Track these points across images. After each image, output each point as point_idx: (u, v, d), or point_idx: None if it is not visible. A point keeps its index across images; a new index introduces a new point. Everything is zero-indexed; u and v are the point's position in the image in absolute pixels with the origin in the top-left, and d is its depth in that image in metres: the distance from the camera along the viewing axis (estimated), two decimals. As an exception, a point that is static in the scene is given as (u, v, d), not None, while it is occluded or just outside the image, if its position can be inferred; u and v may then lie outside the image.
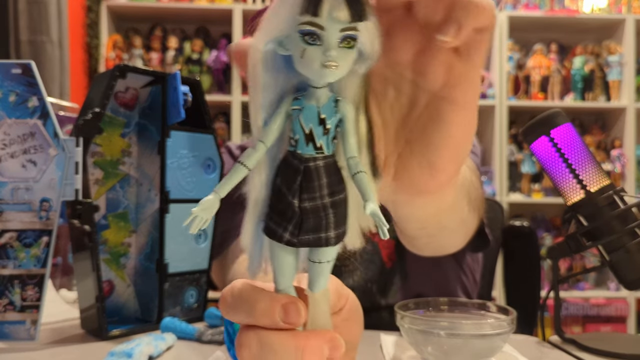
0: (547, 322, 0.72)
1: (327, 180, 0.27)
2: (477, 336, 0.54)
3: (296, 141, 0.28)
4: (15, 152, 0.65)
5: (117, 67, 0.69)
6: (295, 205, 0.27)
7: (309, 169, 0.27)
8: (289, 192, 0.27)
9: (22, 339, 0.64)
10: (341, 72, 0.27)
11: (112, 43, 2.61)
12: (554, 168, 0.66)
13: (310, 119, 0.27)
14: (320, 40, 0.26)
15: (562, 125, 0.66)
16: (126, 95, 0.75)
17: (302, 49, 0.26)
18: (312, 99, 0.27)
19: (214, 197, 0.27)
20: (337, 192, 0.28)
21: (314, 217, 0.27)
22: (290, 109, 0.28)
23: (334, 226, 0.28)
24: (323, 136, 0.27)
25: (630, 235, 0.63)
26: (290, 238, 0.27)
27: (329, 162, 0.28)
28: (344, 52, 0.26)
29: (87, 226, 0.66)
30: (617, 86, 2.72)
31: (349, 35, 0.26)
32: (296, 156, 0.27)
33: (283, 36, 0.27)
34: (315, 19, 0.25)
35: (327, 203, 0.27)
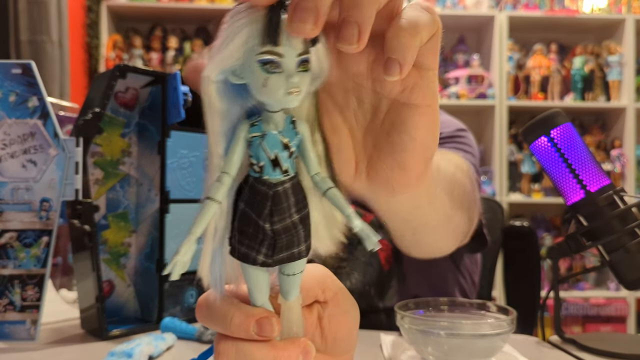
0: (547, 322, 0.72)
1: (294, 199, 0.28)
2: (477, 336, 0.54)
3: (261, 167, 0.28)
4: (15, 152, 0.65)
5: (117, 67, 0.69)
6: (267, 229, 0.27)
7: (278, 193, 0.27)
8: (259, 217, 0.27)
9: (22, 339, 0.64)
10: (302, 96, 0.27)
11: (112, 43, 2.61)
12: (554, 168, 0.66)
13: (274, 145, 0.27)
14: (281, 67, 0.26)
15: (562, 125, 0.66)
16: (126, 95, 0.75)
17: (264, 78, 0.26)
18: (270, 124, 0.28)
19: (189, 241, 0.27)
20: (303, 208, 0.28)
21: (286, 236, 0.28)
22: (249, 136, 0.28)
23: (304, 239, 0.28)
24: (288, 160, 0.28)
25: (630, 235, 0.63)
26: (264, 259, 0.28)
27: (294, 182, 0.28)
28: (302, 77, 0.27)
29: (87, 226, 0.66)
30: (617, 86, 2.72)
31: (304, 59, 0.27)
32: (263, 182, 0.28)
33: (236, 65, 0.27)
34: (276, 48, 0.26)
35: (296, 220, 0.28)
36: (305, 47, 0.27)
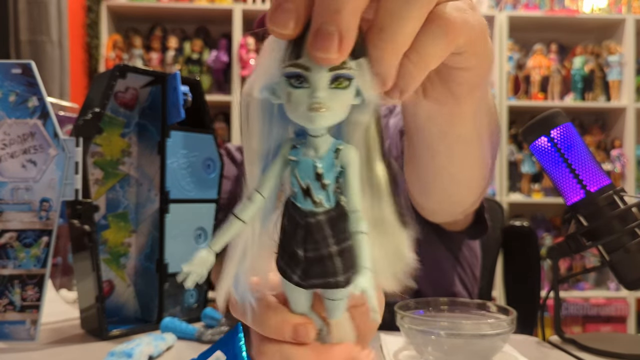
0: (547, 322, 0.72)
1: (331, 232, 0.26)
2: (477, 336, 0.54)
3: (294, 194, 0.26)
4: (15, 152, 0.65)
5: (117, 67, 0.69)
6: (300, 254, 0.26)
7: (310, 224, 0.26)
8: (292, 240, 0.26)
9: (22, 339, 0.64)
10: (334, 116, 0.25)
11: (112, 43, 2.61)
12: (554, 168, 0.66)
13: (306, 174, 0.26)
14: (307, 82, 0.24)
15: (562, 125, 0.66)
16: (126, 95, 0.75)
17: (288, 93, 0.24)
18: (310, 149, 0.26)
19: (207, 253, 0.26)
20: (345, 240, 0.26)
21: (320, 265, 0.26)
22: (288, 157, 0.26)
23: (342, 271, 0.26)
24: (322, 191, 0.26)
25: (630, 235, 0.63)
26: (298, 281, 0.27)
27: (331, 215, 0.26)
28: (335, 94, 0.24)
29: (87, 226, 0.66)
30: (617, 86, 2.72)
31: (340, 74, 0.24)
32: (296, 208, 0.26)
33: (274, 83, 0.25)
34: (299, 61, 0.24)
35: (334, 252, 0.26)
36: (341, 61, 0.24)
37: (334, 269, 0.26)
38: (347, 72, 0.24)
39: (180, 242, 0.74)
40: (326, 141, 0.26)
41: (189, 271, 0.26)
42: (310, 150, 0.26)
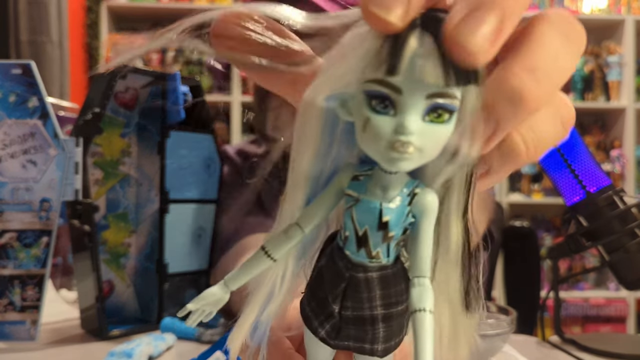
0: (547, 322, 0.72)
1: (381, 293, 0.20)
2: (477, 336, 0.54)
3: (345, 238, 0.20)
4: (15, 153, 0.65)
5: (117, 67, 0.69)
6: (335, 310, 0.21)
7: (356, 279, 0.20)
8: (329, 292, 0.21)
9: (22, 339, 0.64)
10: (421, 159, 0.18)
11: (112, 43, 2.61)
12: (554, 168, 0.66)
13: (366, 219, 0.20)
14: (395, 108, 0.18)
15: (562, 126, 0.66)
16: (126, 95, 0.75)
17: (365, 118, 0.18)
18: (377, 187, 0.20)
19: (222, 291, 0.21)
20: (395, 304, 0.21)
21: (356, 327, 0.21)
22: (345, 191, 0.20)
23: (382, 340, 0.21)
24: (382, 244, 0.20)
25: (630, 235, 0.63)
26: (325, 337, 0.22)
27: (386, 273, 0.20)
28: (430, 129, 0.18)
29: (87, 226, 0.66)
30: (617, 87, 2.72)
31: (440, 104, 0.18)
32: (342, 256, 0.21)
33: (349, 94, 0.19)
34: (391, 78, 0.17)
35: (378, 315, 0.21)
36: (445, 84, 0.17)
37: (373, 335, 0.21)
38: (451, 103, 0.18)
39: (180, 243, 0.74)
40: (401, 180, 0.20)
41: (196, 309, 0.22)
42: (377, 188, 0.20)
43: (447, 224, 0.20)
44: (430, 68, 0.17)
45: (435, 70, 0.17)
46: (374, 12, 0.17)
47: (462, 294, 0.21)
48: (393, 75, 0.17)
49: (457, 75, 0.17)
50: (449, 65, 0.17)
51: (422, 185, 0.20)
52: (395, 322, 0.21)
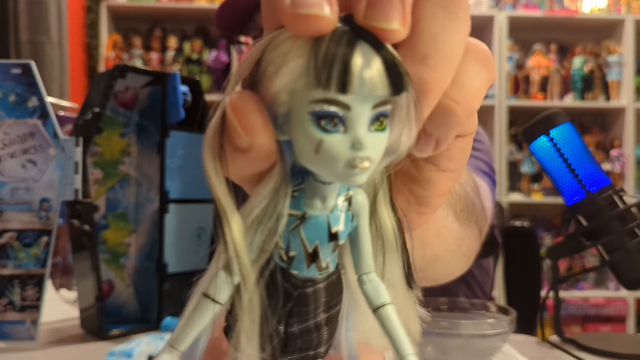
0: (547, 322, 0.72)
1: (325, 300, 0.20)
2: (477, 336, 0.54)
3: (290, 259, 0.20)
4: (15, 153, 0.65)
5: (117, 67, 0.69)
6: (281, 330, 0.20)
7: (306, 295, 0.20)
8: (272, 315, 0.20)
9: (22, 339, 0.64)
10: (373, 169, 0.18)
11: (112, 43, 2.61)
12: (554, 168, 0.66)
13: (316, 235, 0.19)
14: (345, 125, 0.17)
15: (562, 125, 0.66)
16: (126, 95, 0.75)
17: (318, 141, 0.17)
18: (316, 200, 0.19)
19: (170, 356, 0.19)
20: (334, 306, 0.21)
21: (303, 340, 0.21)
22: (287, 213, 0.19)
23: (326, 341, 0.21)
24: (332, 253, 0.20)
25: (630, 235, 0.63)
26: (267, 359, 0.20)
27: (332, 280, 0.20)
28: (375, 138, 0.18)
29: (87, 226, 0.66)
30: (617, 86, 2.72)
31: (382, 112, 0.18)
32: (288, 276, 0.20)
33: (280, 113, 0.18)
34: (341, 97, 0.17)
35: (322, 321, 0.20)
36: (387, 93, 0.17)
37: (318, 341, 0.21)
38: (389, 109, 0.18)
39: (180, 243, 0.74)
40: (335, 187, 0.19)
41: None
42: (317, 200, 0.19)
43: (381, 217, 0.21)
44: (378, 81, 0.17)
45: (382, 82, 0.17)
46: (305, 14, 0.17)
47: (404, 276, 0.21)
48: (346, 93, 0.17)
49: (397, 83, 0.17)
50: (391, 75, 0.17)
51: (352, 187, 0.20)
52: (335, 321, 0.21)
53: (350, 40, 0.17)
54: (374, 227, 0.21)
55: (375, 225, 0.21)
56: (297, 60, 0.17)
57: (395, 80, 0.17)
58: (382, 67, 0.17)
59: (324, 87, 0.17)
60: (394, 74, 0.17)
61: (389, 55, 0.17)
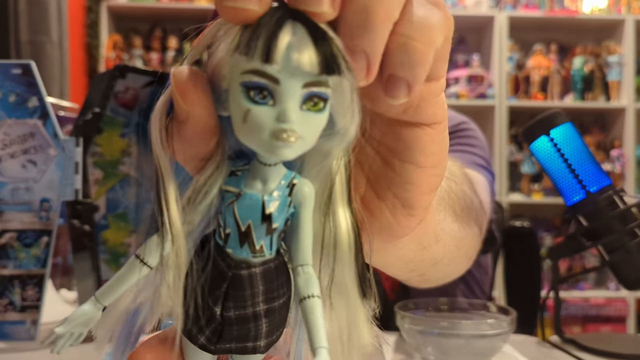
0: (547, 322, 0.72)
1: (264, 288, 0.20)
2: (477, 336, 0.54)
3: (226, 236, 0.20)
4: (15, 153, 0.65)
5: (117, 67, 0.69)
6: (217, 312, 0.20)
7: (240, 277, 0.20)
8: (209, 295, 0.20)
9: (22, 339, 0.64)
10: (303, 147, 0.19)
11: (112, 43, 2.61)
12: (554, 168, 0.66)
13: (249, 214, 0.19)
14: (273, 98, 0.18)
15: (562, 125, 0.66)
16: (126, 95, 0.75)
17: (245, 110, 0.18)
18: (257, 181, 0.19)
19: (94, 308, 0.20)
20: (277, 297, 0.20)
21: (239, 327, 0.20)
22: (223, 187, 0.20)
23: (265, 335, 0.21)
24: (265, 237, 0.20)
25: (630, 235, 0.63)
26: (205, 343, 0.21)
27: (268, 267, 0.20)
28: (307, 117, 0.18)
29: (87, 226, 0.66)
30: (617, 86, 2.72)
31: (315, 93, 0.18)
32: (224, 256, 0.20)
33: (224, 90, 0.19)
34: (267, 67, 0.17)
35: (260, 311, 0.20)
36: (320, 73, 0.18)
37: (256, 332, 0.20)
38: (325, 91, 0.18)
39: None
40: (279, 172, 0.20)
41: (63, 333, 0.20)
42: (257, 182, 0.19)
43: (334, 214, 0.20)
44: (306, 57, 0.17)
45: (310, 58, 0.18)
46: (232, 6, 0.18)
47: (357, 283, 0.21)
48: (269, 63, 0.17)
49: (329, 64, 0.18)
50: (322, 54, 0.18)
51: (299, 177, 0.20)
52: (277, 315, 0.21)
53: (281, 18, 0.18)
54: (328, 226, 0.21)
55: (329, 224, 0.21)
56: (232, 34, 0.18)
57: (326, 60, 0.18)
58: (312, 46, 0.18)
59: (248, 56, 0.17)
60: (325, 54, 0.18)
61: (322, 36, 0.18)
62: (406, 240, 0.31)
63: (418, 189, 0.26)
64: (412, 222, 0.27)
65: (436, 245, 0.40)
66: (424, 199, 0.27)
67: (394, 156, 0.25)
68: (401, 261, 0.38)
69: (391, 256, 0.35)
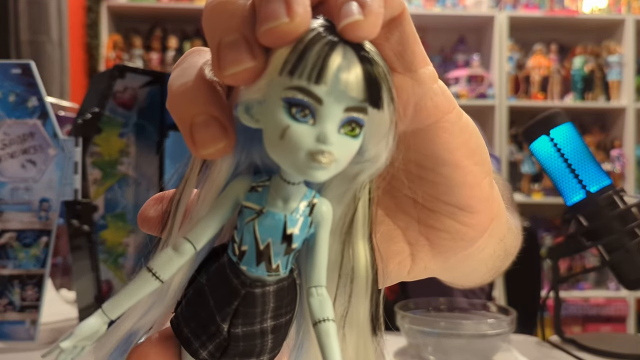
0: (547, 322, 0.72)
1: (274, 305, 0.20)
2: (477, 336, 0.54)
3: (242, 253, 0.19)
4: (15, 152, 0.65)
5: (116, 67, 0.69)
6: (224, 328, 0.20)
7: (253, 295, 0.19)
8: (218, 311, 0.19)
9: (21, 339, 0.64)
10: (335, 170, 0.18)
11: (112, 43, 2.61)
12: (554, 168, 0.66)
13: (270, 232, 0.19)
14: (314, 118, 0.17)
15: (562, 125, 0.66)
16: (125, 95, 0.75)
17: (285, 126, 0.17)
18: (278, 198, 0.19)
19: (100, 321, 0.19)
20: (283, 314, 0.20)
21: (246, 344, 0.20)
22: (243, 203, 0.19)
23: (269, 350, 0.20)
24: (283, 256, 0.19)
25: (630, 235, 0.63)
26: (207, 358, 0.20)
27: (282, 285, 0.20)
28: (344, 141, 0.18)
29: (85, 226, 0.66)
30: (617, 86, 2.72)
31: (354, 118, 0.18)
32: (237, 273, 0.19)
33: (254, 100, 0.18)
34: (314, 87, 0.17)
35: (268, 328, 0.20)
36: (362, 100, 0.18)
37: (262, 347, 0.20)
38: (363, 118, 0.18)
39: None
40: (300, 190, 0.19)
41: (68, 347, 0.19)
42: (279, 199, 0.19)
43: (354, 245, 0.20)
44: (354, 82, 0.17)
45: (357, 84, 0.17)
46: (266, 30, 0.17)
47: (370, 320, 0.21)
48: (318, 84, 0.17)
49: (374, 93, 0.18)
50: (369, 81, 0.18)
51: (318, 196, 0.20)
52: (283, 331, 0.20)
53: (332, 40, 0.17)
54: (347, 256, 0.20)
55: (348, 254, 0.20)
56: (281, 50, 0.18)
57: (371, 89, 0.18)
58: (361, 72, 0.18)
59: (299, 75, 0.17)
60: (372, 82, 0.18)
61: (370, 62, 0.18)
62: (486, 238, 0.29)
63: (464, 186, 0.25)
64: (480, 219, 0.26)
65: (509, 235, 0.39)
66: (476, 192, 0.26)
67: (425, 168, 0.25)
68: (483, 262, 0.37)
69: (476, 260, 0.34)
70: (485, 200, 0.26)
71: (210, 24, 0.19)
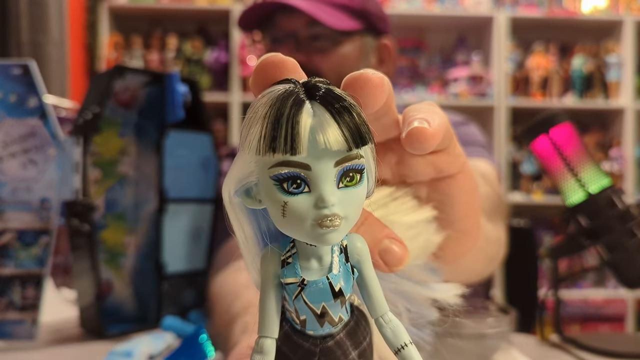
0: (547, 321, 0.72)
1: (351, 342, 0.20)
2: (477, 336, 0.54)
3: (303, 321, 0.20)
4: (15, 152, 0.65)
5: (116, 67, 0.69)
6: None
7: (328, 347, 0.20)
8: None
9: (21, 338, 0.64)
10: (348, 226, 0.18)
11: (112, 43, 2.61)
12: (554, 168, 0.66)
13: (320, 298, 0.19)
14: (308, 184, 0.17)
15: (562, 125, 0.66)
16: (124, 95, 0.75)
17: (282, 204, 0.17)
18: (312, 261, 0.19)
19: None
20: (363, 340, 0.21)
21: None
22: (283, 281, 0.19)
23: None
24: (341, 307, 0.20)
25: (630, 234, 0.63)
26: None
27: (350, 325, 0.20)
28: (347, 194, 0.18)
29: (85, 226, 0.66)
30: (616, 86, 2.72)
31: (349, 167, 0.18)
32: (305, 336, 0.20)
33: (251, 182, 0.18)
34: (294, 158, 0.17)
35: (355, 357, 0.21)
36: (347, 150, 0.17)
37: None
38: (358, 162, 0.18)
39: (178, 242, 0.74)
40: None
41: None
42: (312, 262, 0.19)
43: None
44: (331, 137, 0.17)
45: (335, 137, 0.17)
46: (269, 62, 0.18)
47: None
48: (296, 154, 0.17)
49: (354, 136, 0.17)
50: (347, 129, 0.17)
51: (346, 236, 0.20)
52: (367, 352, 0.21)
53: (296, 100, 0.17)
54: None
55: None
56: (255, 127, 0.17)
57: (352, 134, 0.17)
58: (336, 126, 0.17)
59: (274, 151, 0.17)
60: (349, 127, 0.17)
61: (342, 109, 0.17)
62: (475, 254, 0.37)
63: (465, 219, 0.32)
64: (472, 241, 0.34)
65: (488, 246, 0.46)
66: (474, 224, 0.33)
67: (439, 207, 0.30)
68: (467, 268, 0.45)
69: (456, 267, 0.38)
70: (472, 234, 0.34)
71: None
